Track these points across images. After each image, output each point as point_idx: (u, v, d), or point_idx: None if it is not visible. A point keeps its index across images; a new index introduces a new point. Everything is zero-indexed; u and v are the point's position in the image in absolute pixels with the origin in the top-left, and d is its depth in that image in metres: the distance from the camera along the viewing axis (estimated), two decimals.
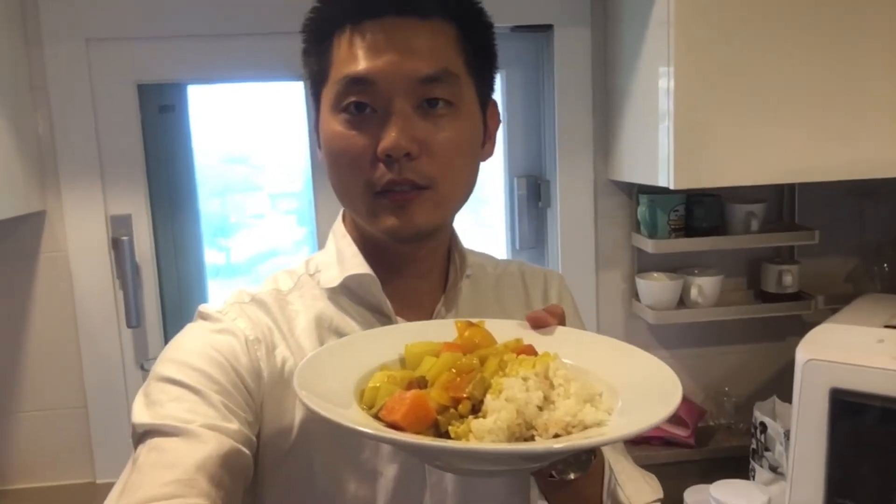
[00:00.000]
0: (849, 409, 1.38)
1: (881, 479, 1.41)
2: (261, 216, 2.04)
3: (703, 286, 1.83)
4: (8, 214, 1.57)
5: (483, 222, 2.07)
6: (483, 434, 0.62)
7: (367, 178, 0.81)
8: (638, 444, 1.88)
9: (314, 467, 0.85)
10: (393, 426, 0.64)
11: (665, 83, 1.52)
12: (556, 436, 0.64)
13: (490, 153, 0.92)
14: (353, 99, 0.81)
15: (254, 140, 1.99)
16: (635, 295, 1.91)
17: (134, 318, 1.76)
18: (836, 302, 1.77)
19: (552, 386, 0.68)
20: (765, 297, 1.92)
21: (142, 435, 0.76)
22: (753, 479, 1.73)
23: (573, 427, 0.64)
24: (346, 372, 0.73)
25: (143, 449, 0.74)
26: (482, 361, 0.71)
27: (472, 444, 0.62)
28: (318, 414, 0.62)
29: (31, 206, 1.67)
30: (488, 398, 0.65)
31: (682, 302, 1.87)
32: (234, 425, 0.77)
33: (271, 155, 2.01)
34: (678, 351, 1.98)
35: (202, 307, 0.89)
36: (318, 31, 0.85)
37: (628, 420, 0.64)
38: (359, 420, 0.65)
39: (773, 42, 1.51)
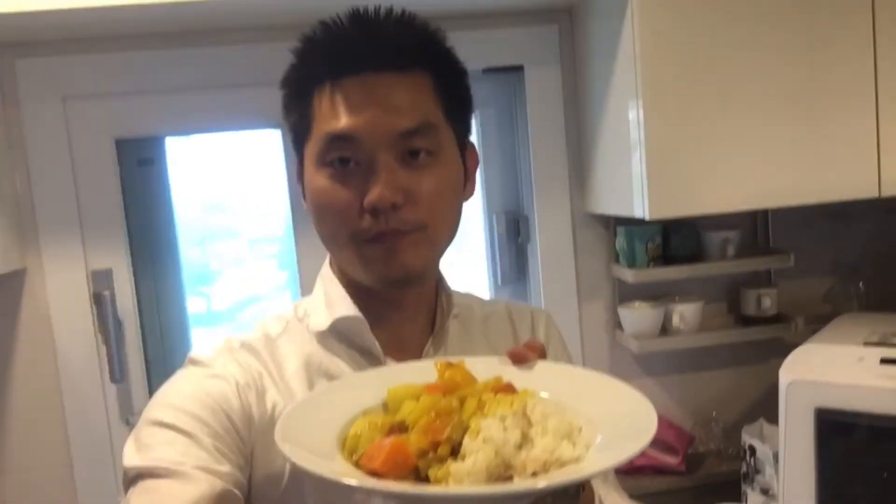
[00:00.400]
0: (835, 428, 1.40)
1: (871, 496, 1.42)
2: (241, 262, 2.04)
3: (685, 313, 1.85)
4: None
5: (464, 259, 2.09)
6: (462, 477, 0.62)
7: (353, 229, 0.83)
8: (629, 474, 1.88)
9: None
10: (373, 474, 0.64)
11: (635, 116, 1.55)
12: (535, 474, 0.64)
13: (471, 193, 0.94)
14: (336, 154, 0.83)
15: (232, 187, 2.00)
16: (618, 324, 1.93)
17: (117, 372, 1.74)
18: (815, 322, 1.80)
19: (530, 423, 0.68)
20: (745, 320, 1.95)
21: (133, 478, 0.75)
22: (746, 503, 1.73)
23: (550, 464, 0.65)
24: (329, 420, 0.73)
25: (135, 491, 0.74)
26: (461, 402, 0.71)
27: (450, 488, 0.62)
28: (301, 467, 0.63)
29: (11, 265, 1.67)
30: (466, 440, 0.66)
31: (665, 329, 1.88)
32: (225, 468, 0.77)
33: (250, 201, 2.02)
34: (664, 378, 1.99)
35: (192, 353, 0.89)
36: (298, 87, 0.87)
37: (607, 454, 0.65)
38: (341, 470, 0.65)
39: (740, 70, 1.54)
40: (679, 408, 2.00)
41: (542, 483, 0.63)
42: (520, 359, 0.81)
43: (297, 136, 0.89)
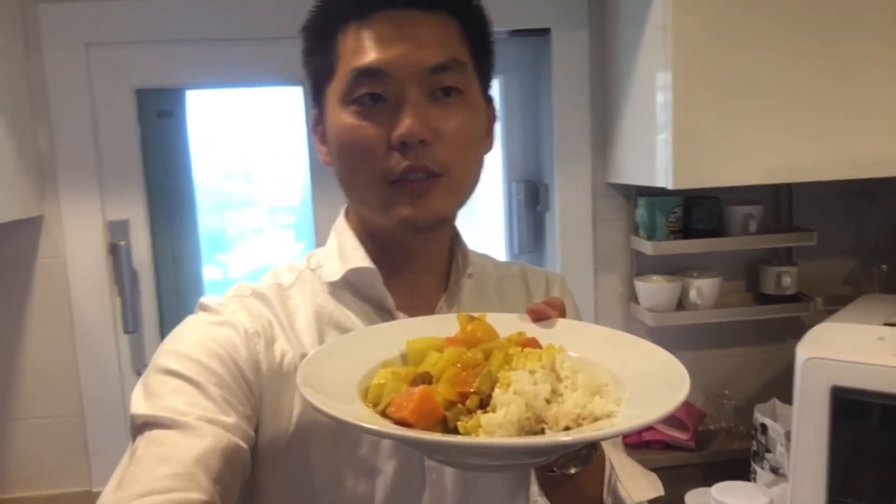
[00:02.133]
0: (850, 407, 1.38)
1: (883, 478, 1.40)
2: (258, 231, 2.04)
3: (702, 288, 1.83)
4: (5, 219, 1.56)
5: (482, 227, 2.07)
6: (493, 428, 0.61)
7: (381, 167, 0.81)
8: (638, 448, 1.88)
9: (312, 463, 0.84)
10: (401, 423, 0.63)
11: (663, 85, 1.53)
12: (567, 428, 0.63)
13: (490, 146, 0.93)
14: (365, 90, 0.81)
15: (252, 153, 1.99)
16: (634, 297, 1.91)
17: (131, 323, 1.75)
18: (834, 303, 1.77)
19: (559, 378, 0.67)
20: (764, 298, 1.92)
21: (140, 426, 0.75)
22: (755, 482, 1.72)
23: (583, 419, 0.64)
24: (348, 369, 0.72)
25: (142, 441, 0.74)
26: (486, 356, 0.70)
27: (486, 439, 0.61)
28: (327, 413, 0.62)
29: (29, 211, 1.67)
30: (496, 392, 0.65)
31: (681, 304, 1.87)
32: (231, 419, 0.77)
33: (269, 169, 2.01)
34: (677, 354, 1.92)
35: (203, 299, 0.89)
36: (322, 28, 0.86)
37: (639, 411, 0.64)
38: (367, 418, 0.64)
39: (770, 43, 1.52)
40: (692, 384, 1.97)
41: (588, 433, 0.62)
42: (540, 315, 0.80)
43: (319, 79, 0.87)
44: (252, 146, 1.98)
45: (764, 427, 1.71)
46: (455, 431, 0.63)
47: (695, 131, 1.52)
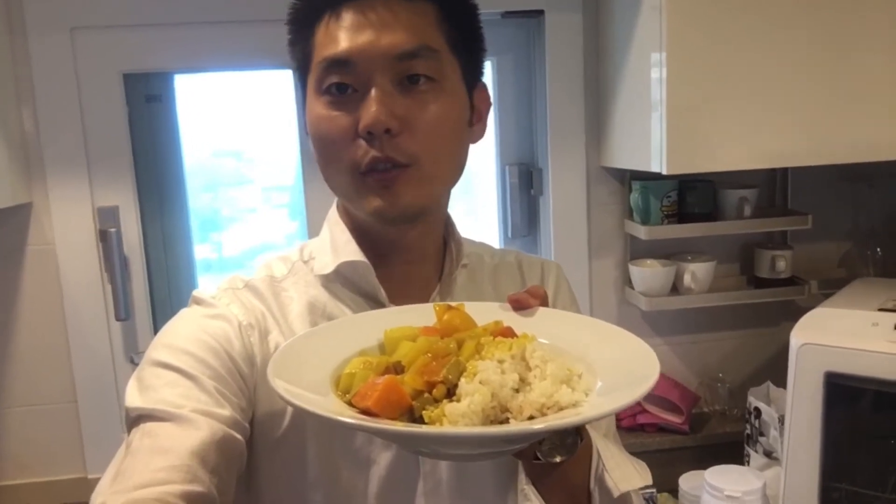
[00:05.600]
0: (843, 392, 1.38)
1: (876, 463, 1.41)
2: (252, 210, 2.03)
3: (696, 272, 1.82)
4: None
5: (475, 210, 2.06)
6: (457, 418, 0.61)
7: (350, 157, 0.81)
8: (632, 431, 1.88)
9: (307, 455, 0.84)
10: (366, 413, 0.63)
11: (657, 68, 1.51)
12: (531, 418, 0.63)
13: (480, 135, 0.92)
14: (334, 80, 0.81)
15: (244, 133, 1.97)
16: (628, 282, 1.91)
17: (123, 310, 1.74)
18: (829, 287, 1.77)
19: (528, 368, 0.67)
20: (758, 282, 1.92)
21: (135, 419, 0.75)
22: (748, 465, 1.73)
23: (548, 409, 0.64)
24: (324, 359, 0.72)
25: (137, 434, 0.74)
26: (459, 345, 0.70)
27: (444, 428, 0.61)
28: (291, 403, 0.62)
29: (17, 198, 1.65)
30: (462, 381, 0.64)
31: (675, 288, 1.86)
32: (226, 411, 0.77)
33: (263, 148, 1.99)
34: (672, 338, 1.97)
35: (196, 292, 0.88)
36: (301, 20, 0.86)
37: (603, 400, 0.64)
38: (331, 408, 0.64)
39: (766, 26, 1.50)
40: (686, 368, 1.99)
41: (538, 425, 0.61)
42: (521, 305, 0.80)
43: (300, 70, 0.87)
44: (244, 127, 1.96)
45: (758, 411, 1.71)
46: (421, 421, 0.63)
47: (689, 116, 1.51)
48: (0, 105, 1.59)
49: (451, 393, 0.65)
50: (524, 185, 1.96)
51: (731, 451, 1.78)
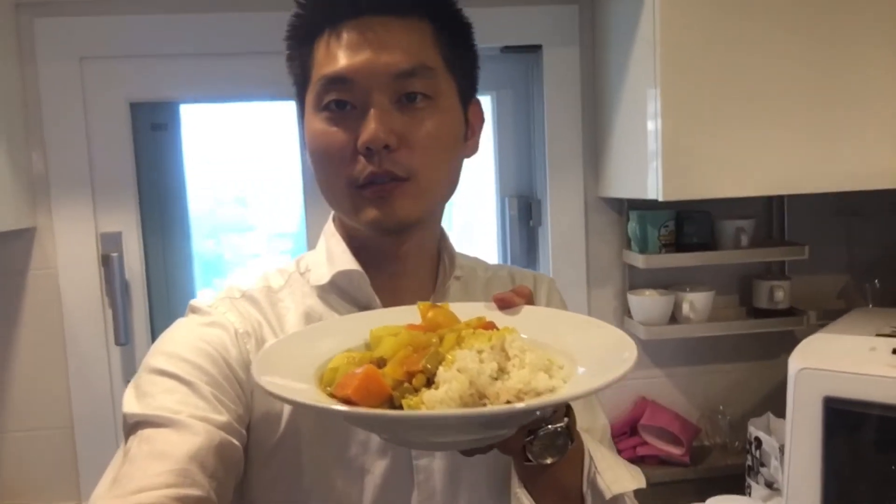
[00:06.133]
0: (843, 417, 1.37)
1: (877, 489, 1.39)
2: (256, 256, 2.05)
3: (695, 301, 1.82)
4: None
5: (475, 241, 2.07)
6: (434, 404, 0.62)
7: (348, 172, 0.83)
8: (632, 462, 1.86)
9: (301, 463, 0.84)
10: (346, 401, 0.63)
11: (652, 99, 1.54)
12: (509, 402, 0.63)
13: (474, 150, 0.93)
14: (333, 97, 0.83)
15: (248, 176, 2.00)
16: (627, 311, 1.91)
17: (123, 335, 1.74)
18: (828, 318, 1.77)
19: (507, 357, 0.68)
20: (756, 313, 1.92)
21: (133, 426, 0.75)
22: (749, 497, 1.71)
23: (525, 394, 0.64)
24: (309, 358, 0.72)
25: (135, 440, 0.74)
26: (441, 339, 0.70)
27: (419, 411, 0.61)
28: (271, 392, 0.62)
29: (21, 223, 1.67)
30: (440, 370, 0.65)
31: (674, 318, 1.86)
32: (223, 417, 0.77)
33: (266, 194, 2.02)
34: (672, 369, 1.96)
35: (193, 301, 0.89)
36: (300, 36, 0.88)
37: (581, 380, 0.64)
38: (311, 396, 0.64)
39: (759, 57, 1.53)
40: (686, 399, 1.97)
41: (519, 406, 0.62)
42: (506, 303, 0.81)
43: (299, 86, 0.89)
44: (248, 167, 1.99)
45: (758, 441, 1.70)
46: (400, 409, 0.64)
47: (685, 144, 1.53)
48: (8, 129, 1.62)
49: (431, 382, 0.65)
50: (523, 217, 1.98)
51: (733, 483, 1.76)
